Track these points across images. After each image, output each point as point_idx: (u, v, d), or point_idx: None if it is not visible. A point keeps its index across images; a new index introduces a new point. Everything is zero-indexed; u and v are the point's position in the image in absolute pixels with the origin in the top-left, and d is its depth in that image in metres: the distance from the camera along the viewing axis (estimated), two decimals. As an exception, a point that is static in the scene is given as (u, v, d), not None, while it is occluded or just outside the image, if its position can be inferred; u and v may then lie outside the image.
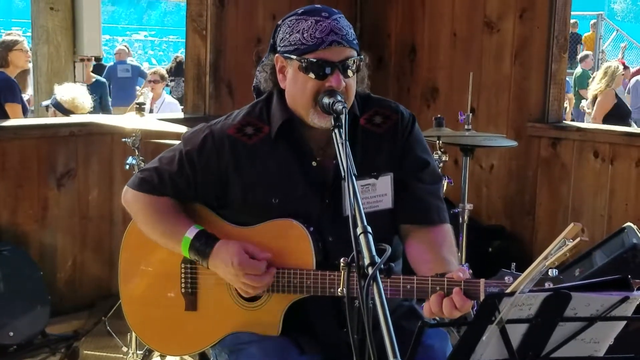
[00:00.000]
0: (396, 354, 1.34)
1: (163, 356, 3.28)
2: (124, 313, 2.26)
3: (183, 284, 2.15)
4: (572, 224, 1.47)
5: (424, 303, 1.85)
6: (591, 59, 12.35)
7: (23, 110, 5.79)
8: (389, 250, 1.52)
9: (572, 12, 4.81)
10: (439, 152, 3.67)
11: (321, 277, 1.94)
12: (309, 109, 1.96)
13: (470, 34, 4.86)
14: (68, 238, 4.11)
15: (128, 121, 3.58)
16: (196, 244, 2.03)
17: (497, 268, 1.83)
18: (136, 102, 3.72)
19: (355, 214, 1.59)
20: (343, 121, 1.81)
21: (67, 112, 5.04)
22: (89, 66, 7.61)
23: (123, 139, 3.56)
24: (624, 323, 1.50)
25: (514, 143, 4.00)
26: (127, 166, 3.50)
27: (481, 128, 4.58)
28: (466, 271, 1.82)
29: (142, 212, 2.15)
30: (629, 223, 3.42)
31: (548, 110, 4.61)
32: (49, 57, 7.02)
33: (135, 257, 2.23)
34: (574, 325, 1.47)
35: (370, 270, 1.48)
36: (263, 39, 4.60)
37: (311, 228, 1.99)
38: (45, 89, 6.99)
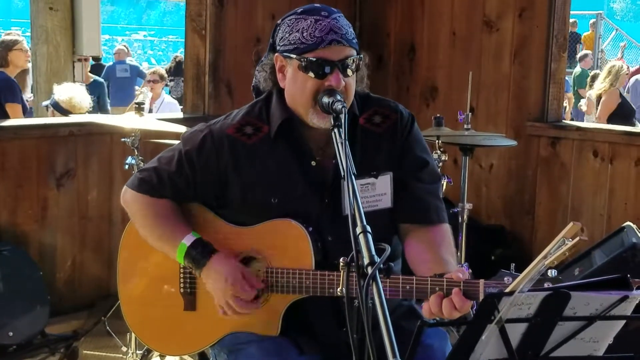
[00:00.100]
0: (395, 354, 1.34)
1: (162, 356, 3.28)
2: (123, 313, 2.26)
3: (182, 284, 2.15)
4: (572, 223, 1.48)
5: (424, 303, 1.85)
6: (590, 58, 12.36)
7: (23, 110, 5.78)
8: (388, 249, 1.52)
9: (572, 12, 4.81)
10: (439, 152, 3.66)
11: (320, 277, 1.94)
12: (309, 109, 1.96)
13: (469, 33, 4.86)
14: (67, 238, 4.11)
15: (127, 121, 3.58)
16: (192, 252, 2.04)
17: (497, 267, 1.83)
18: (135, 102, 3.71)
19: (354, 214, 1.59)
20: (342, 120, 1.81)
21: (65, 112, 5.04)
22: (87, 66, 7.60)
23: (122, 139, 3.56)
24: (623, 322, 1.50)
25: (514, 142, 4.00)
26: (127, 166, 3.50)
27: (480, 127, 4.58)
28: (465, 271, 1.82)
29: (140, 214, 2.15)
30: (629, 222, 3.42)
31: (547, 109, 4.61)
32: (48, 57, 7.02)
33: (134, 257, 2.23)
34: (574, 324, 1.47)
35: (369, 269, 1.48)
36: (262, 39, 4.60)
37: (310, 228, 1.99)
38: (44, 89, 6.99)
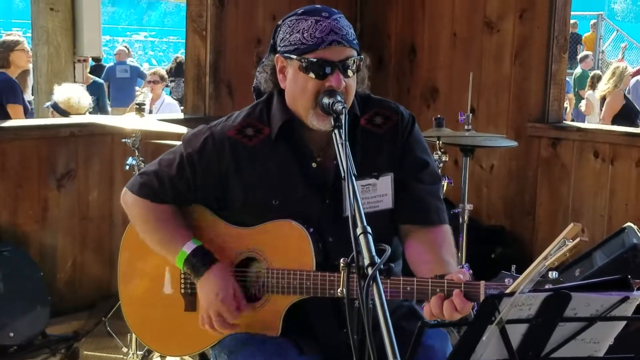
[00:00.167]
0: (396, 355, 1.34)
1: (163, 357, 3.27)
2: (124, 314, 2.26)
3: (183, 285, 2.15)
4: (572, 224, 1.48)
5: (424, 304, 1.85)
6: (591, 59, 12.35)
7: (25, 111, 5.77)
8: (389, 250, 1.52)
9: (572, 12, 4.81)
10: (439, 153, 3.66)
11: (321, 278, 1.94)
12: (309, 110, 1.96)
13: (470, 34, 4.86)
14: (68, 238, 4.11)
15: (128, 122, 3.58)
16: (192, 260, 2.04)
17: (497, 268, 1.83)
18: (136, 103, 3.71)
19: (355, 214, 1.59)
20: (343, 121, 1.81)
21: (64, 113, 5.03)
22: (86, 67, 7.60)
23: (123, 140, 3.56)
24: (624, 323, 1.50)
25: (514, 143, 3.99)
26: (127, 167, 3.50)
27: (481, 128, 4.58)
28: (466, 272, 1.82)
29: (141, 218, 2.15)
30: (629, 223, 3.42)
31: (548, 110, 4.61)
32: (49, 58, 7.01)
33: (134, 258, 2.23)
34: (574, 325, 1.47)
35: (370, 270, 1.48)
36: (263, 40, 4.60)
37: (311, 229, 1.99)
38: (45, 90, 6.98)
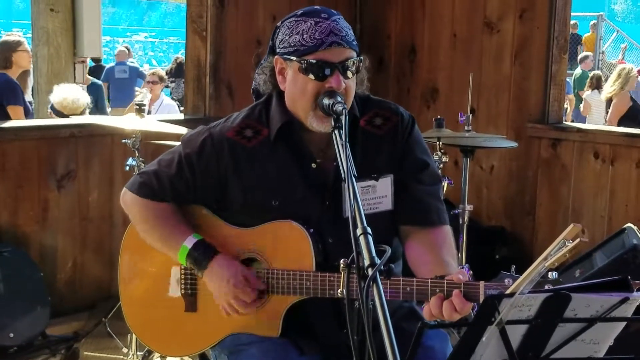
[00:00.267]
0: (396, 355, 1.34)
1: (163, 357, 3.27)
2: (124, 314, 2.26)
3: (183, 285, 2.15)
4: (572, 225, 1.48)
5: (424, 305, 1.85)
6: (591, 60, 12.35)
7: (26, 112, 5.76)
8: (389, 251, 1.52)
9: (572, 13, 4.81)
10: (439, 153, 3.66)
11: (321, 279, 1.94)
12: (309, 111, 1.96)
13: (470, 35, 4.86)
14: (68, 239, 4.11)
15: (128, 122, 3.58)
16: (194, 254, 2.04)
17: (498, 269, 1.83)
18: (136, 103, 3.71)
19: (355, 215, 1.59)
20: (343, 122, 1.81)
21: (60, 114, 5.03)
22: (85, 67, 7.59)
23: (123, 140, 3.56)
24: (624, 324, 1.50)
25: (514, 144, 3.99)
26: (128, 167, 3.50)
27: (481, 129, 4.58)
28: (466, 273, 1.82)
29: (141, 217, 2.15)
30: (629, 224, 3.43)
31: (548, 111, 4.61)
32: (49, 59, 7.01)
33: (135, 259, 2.23)
34: (574, 326, 1.47)
35: (370, 271, 1.48)
36: (263, 40, 4.60)
37: (311, 230, 1.99)
38: (45, 90, 6.97)
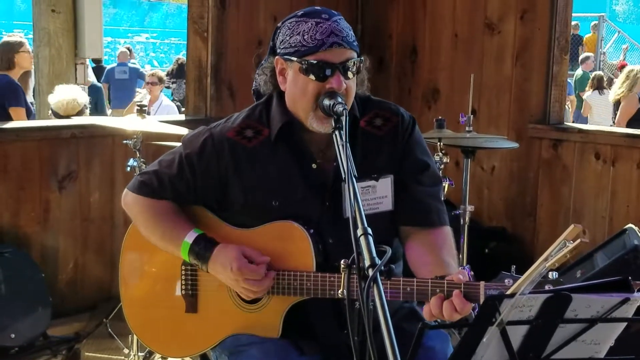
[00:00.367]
0: (397, 356, 1.34)
1: (164, 358, 3.27)
2: (125, 315, 2.26)
3: (183, 286, 2.15)
4: (573, 226, 1.48)
5: (424, 305, 1.85)
6: (592, 61, 12.35)
7: (27, 113, 5.76)
8: (389, 252, 1.52)
9: (574, 14, 4.80)
10: (440, 154, 3.66)
11: (321, 280, 1.94)
12: (309, 112, 1.96)
13: (471, 35, 4.86)
14: (69, 240, 4.11)
15: (129, 123, 3.58)
16: (195, 249, 2.03)
17: (498, 270, 1.83)
18: (137, 105, 3.71)
19: (355, 216, 1.59)
20: (343, 123, 1.81)
21: (58, 115, 5.03)
22: (86, 69, 7.59)
23: (124, 141, 3.56)
24: (625, 325, 1.50)
25: (515, 145, 3.99)
26: (129, 168, 3.51)
27: (482, 130, 4.58)
28: (466, 274, 1.82)
29: (142, 215, 2.15)
30: (630, 225, 3.42)
31: (549, 111, 4.61)
32: (51, 60, 7.01)
33: (135, 259, 2.23)
34: (575, 326, 1.47)
35: (370, 271, 1.48)
36: (264, 41, 4.60)
37: (311, 230, 1.99)
38: (46, 91, 6.97)
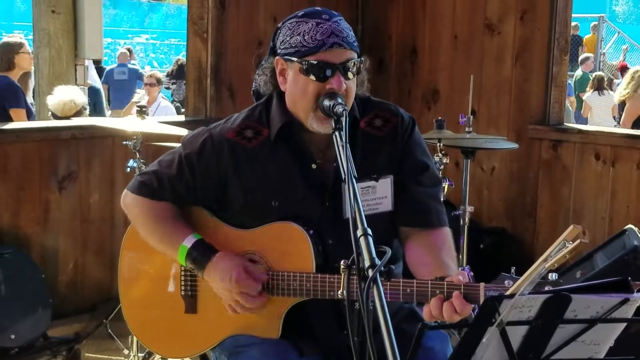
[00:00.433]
0: (396, 357, 1.34)
1: (164, 359, 3.27)
2: (124, 315, 2.26)
3: (183, 287, 2.15)
4: (572, 226, 1.48)
5: (424, 306, 1.85)
6: (592, 62, 12.35)
7: (28, 113, 5.76)
8: (389, 252, 1.52)
9: (573, 14, 4.80)
10: (440, 155, 3.66)
11: (321, 280, 1.94)
12: (309, 112, 1.96)
13: (471, 36, 4.86)
14: (69, 241, 4.11)
15: (129, 124, 3.58)
16: (193, 254, 2.03)
17: (498, 270, 1.83)
18: (137, 106, 3.71)
19: (355, 216, 1.59)
20: (343, 123, 1.81)
21: (56, 116, 5.03)
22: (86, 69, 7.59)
23: (124, 142, 3.56)
24: (624, 325, 1.50)
25: (515, 145, 3.99)
26: (129, 169, 3.51)
27: (482, 130, 4.58)
28: (466, 274, 1.82)
29: (141, 217, 2.15)
30: (630, 225, 3.42)
31: (549, 112, 4.61)
32: (51, 60, 7.02)
33: (135, 260, 2.23)
34: (574, 327, 1.47)
35: (370, 272, 1.48)
36: (264, 42, 4.60)
37: (311, 231, 1.99)
38: (46, 92, 6.97)
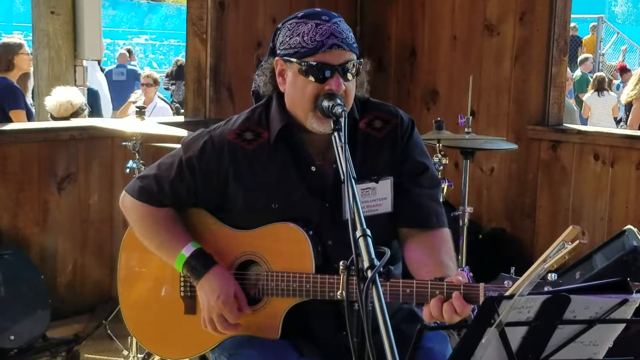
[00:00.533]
0: (396, 357, 1.34)
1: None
2: (123, 316, 2.26)
3: (182, 288, 2.15)
4: (571, 227, 1.47)
5: (424, 307, 1.85)
6: (591, 62, 12.35)
7: (28, 114, 5.76)
8: (388, 253, 1.52)
9: (572, 15, 4.81)
10: (439, 155, 3.66)
11: (320, 281, 1.94)
12: (308, 113, 1.96)
13: (470, 37, 4.86)
14: (69, 242, 4.11)
15: (128, 125, 3.58)
16: (192, 262, 2.04)
17: (497, 271, 1.83)
18: (136, 106, 3.72)
19: (354, 218, 1.59)
20: (342, 124, 1.81)
21: (54, 117, 5.03)
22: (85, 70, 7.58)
23: (123, 143, 3.56)
24: (623, 326, 1.50)
25: (514, 146, 3.99)
26: (128, 170, 3.51)
27: (481, 131, 4.58)
28: (465, 275, 1.82)
29: (140, 222, 2.16)
30: (629, 226, 3.43)
31: (548, 113, 4.61)
32: (50, 61, 7.01)
33: (134, 261, 2.23)
34: (573, 327, 1.47)
35: (369, 273, 1.48)
36: (263, 43, 4.61)
37: (311, 232, 1.99)
38: (46, 93, 6.96)
